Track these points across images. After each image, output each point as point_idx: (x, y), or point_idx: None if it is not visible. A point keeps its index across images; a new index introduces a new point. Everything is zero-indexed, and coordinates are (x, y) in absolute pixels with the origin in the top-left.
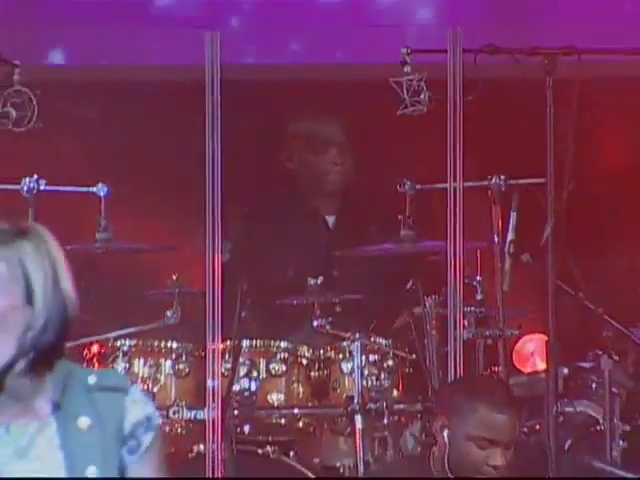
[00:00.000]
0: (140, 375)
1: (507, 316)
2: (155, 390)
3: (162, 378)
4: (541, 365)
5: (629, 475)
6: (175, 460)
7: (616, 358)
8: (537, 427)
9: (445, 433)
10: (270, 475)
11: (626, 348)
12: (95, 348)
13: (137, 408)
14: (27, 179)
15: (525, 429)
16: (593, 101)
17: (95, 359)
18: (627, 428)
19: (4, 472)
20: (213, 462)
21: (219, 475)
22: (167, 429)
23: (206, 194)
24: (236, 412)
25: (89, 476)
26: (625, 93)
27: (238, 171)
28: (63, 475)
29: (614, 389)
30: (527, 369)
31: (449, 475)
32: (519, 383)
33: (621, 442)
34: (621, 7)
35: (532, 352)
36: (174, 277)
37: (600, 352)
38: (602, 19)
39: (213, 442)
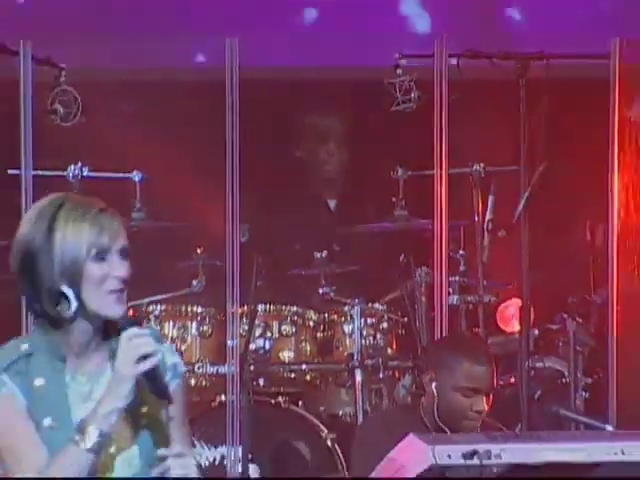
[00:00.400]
0: (169, 336)
1: (487, 284)
2: (182, 349)
3: (188, 338)
4: (519, 326)
5: (591, 421)
6: (200, 408)
7: (579, 320)
8: (512, 380)
9: (433, 385)
10: (282, 421)
11: (588, 312)
12: (130, 312)
13: (167, 356)
14: (72, 166)
15: (501, 382)
16: (560, 99)
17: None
18: (589, 381)
19: (72, 412)
20: (233, 410)
21: (237, 421)
22: (193, 382)
23: (226, 180)
24: (252, 367)
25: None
26: (585, 90)
27: (254, 160)
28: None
29: (578, 347)
30: (509, 329)
31: (437, 421)
32: (496, 342)
33: (583, 393)
34: (585, 16)
35: (512, 315)
36: (199, 251)
37: (566, 315)
38: (569, 26)
39: (232, 393)
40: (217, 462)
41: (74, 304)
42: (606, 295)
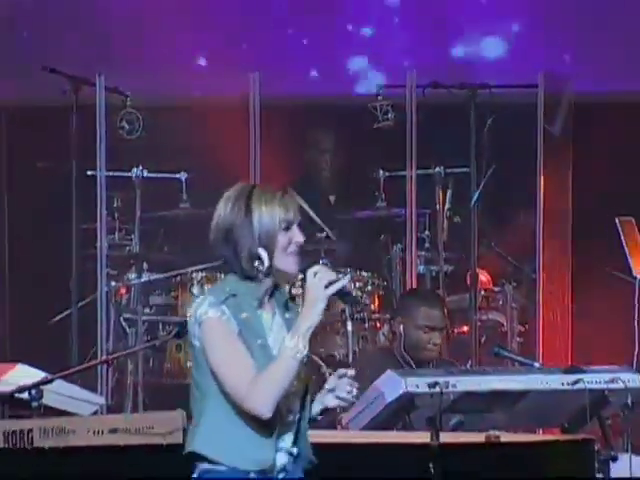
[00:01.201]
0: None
1: (446, 257)
2: None
3: None
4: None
5: (523, 359)
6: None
7: (514, 285)
8: (465, 329)
9: (401, 327)
10: None
11: (521, 278)
12: (179, 278)
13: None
14: (135, 169)
15: (457, 330)
16: (500, 118)
17: (179, 286)
18: (522, 329)
19: (268, 339)
20: None
21: None
22: None
23: (249, 180)
24: None
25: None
26: (518, 111)
27: (272, 167)
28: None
29: (513, 305)
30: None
31: (405, 355)
32: (453, 300)
33: (518, 338)
34: (518, 55)
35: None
36: None
37: (504, 281)
38: (507, 63)
39: None
40: None
41: (267, 263)
42: (534, 266)
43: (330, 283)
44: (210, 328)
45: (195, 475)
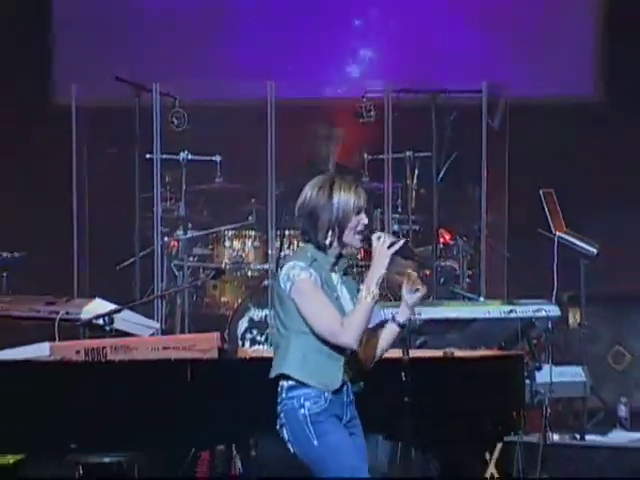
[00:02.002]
0: (236, 248)
1: (414, 219)
2: (244, 255)
3: (247, 249)
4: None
5: (471, 295)
6: (256, 286)
7: (465, 239)
8: (427, 273)
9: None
10: None
11: (470, 235)
12: (214, 234)
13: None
14: (182, 153)
15: (422, 275)
16: (456, 115)
17: (215, 241)
18: (470, 273)
19: (339, 294)
20: (271, 288)
21: (272, 291)
22: (249, 274)
23: (267, 160)
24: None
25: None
26: (469, 110)
27: (285, 151)
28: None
29: (463, 254)
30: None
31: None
32: (419, 251)
33: (468, 279)
34: (469, 65)
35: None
36: (252, 200)
37: (458, 237)
38: (459, 72)
39: (270, 279)
40: (264, 318)
41: (335, 237)
42: (479, 225)
43: (391, 244)
44: (303, 286)
45: (284, 397)
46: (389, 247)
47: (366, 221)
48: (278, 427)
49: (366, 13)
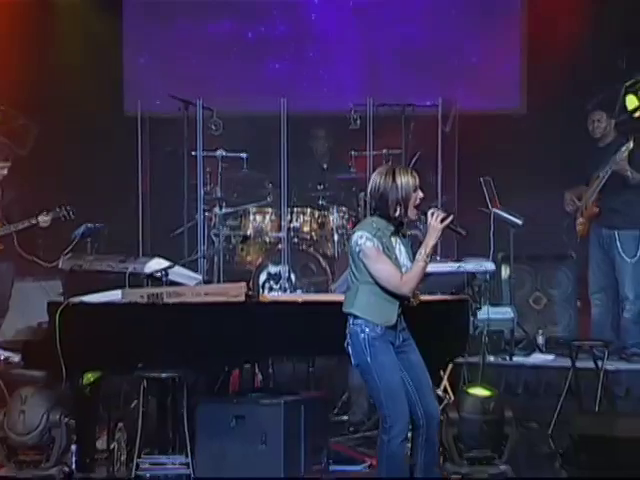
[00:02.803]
0: (257, 220)
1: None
2: (262, 226)
3: (265, 221)
4: None
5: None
6: (272, 249)
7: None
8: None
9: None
10: (305, 253)
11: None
12: (241, 210)
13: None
14: (218, 150)
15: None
16: (418, 124)
17: (242, 215)
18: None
19: (398, 256)
20: (285, 250)
21: (287, 253)
22: (267, 239)
23: (280, 157)
24: (292, 233)
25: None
26: (430, 119)
27: (293, 154)
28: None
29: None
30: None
31: None
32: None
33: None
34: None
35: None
36: (270, 186)
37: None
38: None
39: (284, 243)
40: (278, 272)
41: (402, 210)
42: (437, 204)
43: (443, 219)
44: (369, 252)
45: (351, 324)
46: (442, 221)
47: (422, 195)
48: (345, 345)
49: (357, 50)
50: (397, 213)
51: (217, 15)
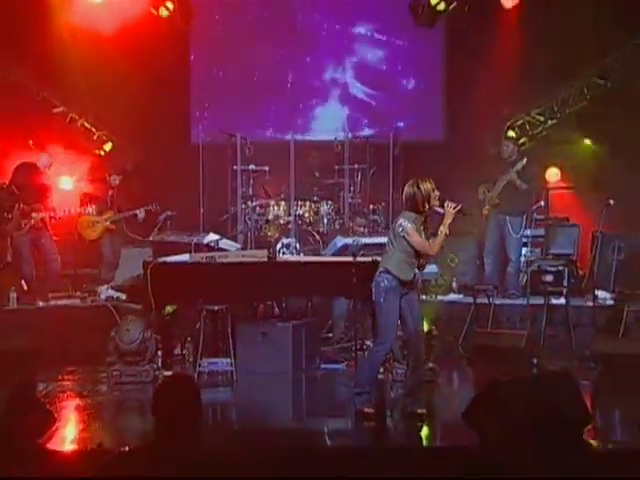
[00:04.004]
0: (275, 209)
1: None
2: (279, 212)
3: (281, 209)
4: None
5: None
6: (285, 229)
7: (380, 209)
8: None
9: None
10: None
11: (386, 206)
12: (266, 202)
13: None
14: (250, 165)
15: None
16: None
17: (266, 205)
18: (384, 222)
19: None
20: (295, 228)
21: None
22: (281, 222)
23: (290, 172)
24: (297, 217)
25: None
26: (382, 145)
27: (297, 167)
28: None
29: (381, 218)
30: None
31: None
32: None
33: (383, 230)
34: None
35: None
36: (283, 188)
37: (379, 206)
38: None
39: (293, 224)
40: (289, 243)
41: (428, 205)
42: (388, 199)
43: (454, 207)
44: (410, 231)
45: (377, 276)
46: (454, 209)
47: (438, 193)
48: (371, 287)
49: (337, 99)
50: (423, 207)
51: (257, 68)
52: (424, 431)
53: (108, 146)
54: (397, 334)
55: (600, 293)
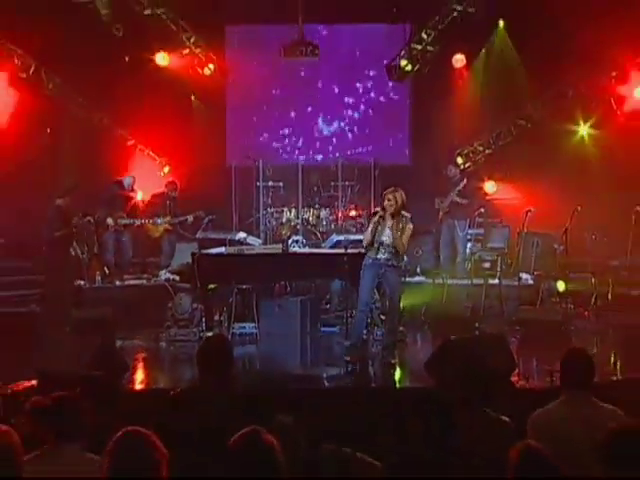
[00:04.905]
0: (287, 214)
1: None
2: (291, 216)
3: (292, 213)
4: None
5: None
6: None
7: (367, 214)
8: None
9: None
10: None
11: (369, 209)
12: (281, 208)
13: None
14: (270, 182)
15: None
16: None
17: (281, 211)
18: (363, 223)
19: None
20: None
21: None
22: (292, 223)
23: (299, 187)
24: (304, 220)
25: None
26: (365, 168)
27: (304, 186)
28: None
29: (366, 220)
30: None
31: None
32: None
33: (369, 228)
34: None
35: None
36: (294, 199)
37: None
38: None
39: (301, 225)
40: (297, 240)
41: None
42: (369, 198)
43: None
44: (410, 229)
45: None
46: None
47: (388, 200)
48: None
49: (332, 131)
50: (405, 209)
51: (275, 110)
52: (396, 376)
53: (166, 169)
54: (377, 305)
55: (523, 275)
